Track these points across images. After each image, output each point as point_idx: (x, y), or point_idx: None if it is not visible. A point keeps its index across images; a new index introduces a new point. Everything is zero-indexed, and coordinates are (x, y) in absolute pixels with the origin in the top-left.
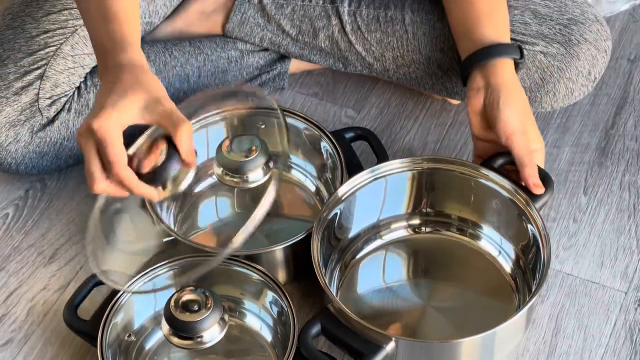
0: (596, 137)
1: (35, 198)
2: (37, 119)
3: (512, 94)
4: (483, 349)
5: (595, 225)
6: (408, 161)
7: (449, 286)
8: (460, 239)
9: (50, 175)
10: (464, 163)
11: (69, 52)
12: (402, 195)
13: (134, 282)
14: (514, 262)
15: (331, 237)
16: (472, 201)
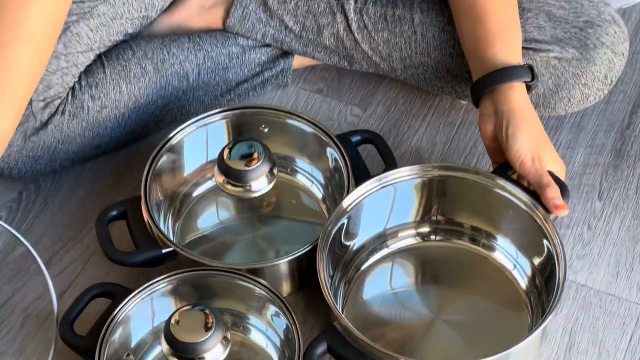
0: (611, 137)
1: (29, 200)
2: (30, 123)
3: (523, 121)
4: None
5: (611, 233)
6: (417, 169)
7: (460, 298)
8: (473, 248)
9: (44, 176)
10: (477, 171)
11: (62, 50)
12: (411, 203)
13: (132, 297)
14: (529, 278)
15: (337, 249)
16: (486, 211)
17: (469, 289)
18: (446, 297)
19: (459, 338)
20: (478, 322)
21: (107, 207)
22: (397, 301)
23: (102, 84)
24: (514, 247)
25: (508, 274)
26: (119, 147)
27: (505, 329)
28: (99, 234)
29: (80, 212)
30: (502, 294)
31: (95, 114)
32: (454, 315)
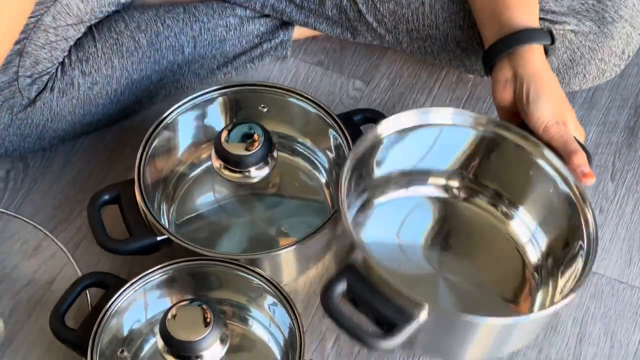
0: (625, 114)
1: (17, 180)
2: (17, 99)
3: (545, 84)
4: (503, 334)
5: (624, 217)
6: (468, 116)
7: (465, 260)
8: (492, 213)
9: (33, 155)
10: (527, 137)
11: (51, 23)
12: (452, 152)
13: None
14: (542, 255)
15: (361, 174)
16: (521, 179)
17: (476, 253)
18: (451, 255)
19: (459, 300)
20: (479, 287)
21: (99, 191)
22: (401, 248)
23: (93, 58)
24: (535, 221)
25: (520, 246)
26: (110, 123)
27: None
28: (91, 221)
29: (71, 192)
30: (510, 265)
31: (86, 90)
32: (456, 275)
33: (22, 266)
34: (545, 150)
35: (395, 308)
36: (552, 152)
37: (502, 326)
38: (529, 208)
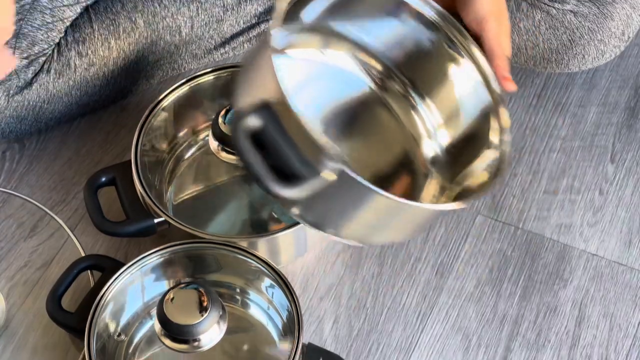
0: (625, 94)
1: (13, 161)
2: (13, 81)
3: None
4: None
5: (623, 198)
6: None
7: (362, 140)
8: (400, 100)
9: (29, 136)
10: (461, 30)
11: (47, 4)
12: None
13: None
14: (442, 151)
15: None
16: (439, 74)
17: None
18: (349, 134)
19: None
20: (369, 169)
21: (96, 173)
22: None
23: (90, 39)
24: (442, 117)
25: (419, 138)
26: (107, 104)
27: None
28: (88, 203)
29: (68, 174)
30: (404, 154)
31: (82, 72)
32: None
33: (19, 247)
34: (473, 46)
35: (304, 160)
36: (479, 50)
37: (395, 205)
38: (439, 103)
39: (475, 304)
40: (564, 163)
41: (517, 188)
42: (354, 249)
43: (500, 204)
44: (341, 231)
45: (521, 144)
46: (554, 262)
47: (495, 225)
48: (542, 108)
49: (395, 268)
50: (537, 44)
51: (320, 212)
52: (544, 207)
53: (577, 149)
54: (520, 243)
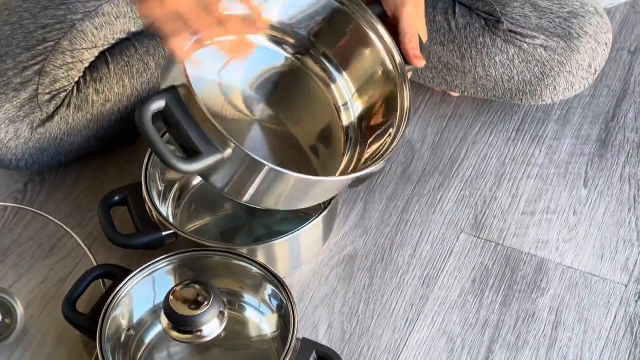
0: (596, 128)
1: (34, 191)
2: (37, 114)
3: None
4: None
5: (596, 218)
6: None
7: (284, 112)
8: (317, 73)
9: (49, 169)
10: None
11: (67, 46)
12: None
13: (132, 276)
14: (356, 120)
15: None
16: (352, 49)
17: (296, 109)
18: (271, 106)
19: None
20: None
21: (109, 193)
22: (221, 88)
23: (106, 78)
24: (354, 87)
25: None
26: (121, 139)
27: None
28: (101, 218)
29: (83, 202)
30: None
31: (99, 107)
32: (271, 125)
33: (38, 265)
34: (380, 26)
35: (203, 138)
36: (385, 30)
37: (296, 180)
38: (352, 75)
39: (459, 311)
40: (541, 188)
41: (497, 210)
42: (347, 262)
43: (482, 223)
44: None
45: (501, 171)
46: (532, 274)
47: (477, 241)
48: (520, 140)
49: (384, 279)
50: (512, 76)
51: (227, 183)
52: (523, 226)
53: (552, 176)
54: (501, 257)
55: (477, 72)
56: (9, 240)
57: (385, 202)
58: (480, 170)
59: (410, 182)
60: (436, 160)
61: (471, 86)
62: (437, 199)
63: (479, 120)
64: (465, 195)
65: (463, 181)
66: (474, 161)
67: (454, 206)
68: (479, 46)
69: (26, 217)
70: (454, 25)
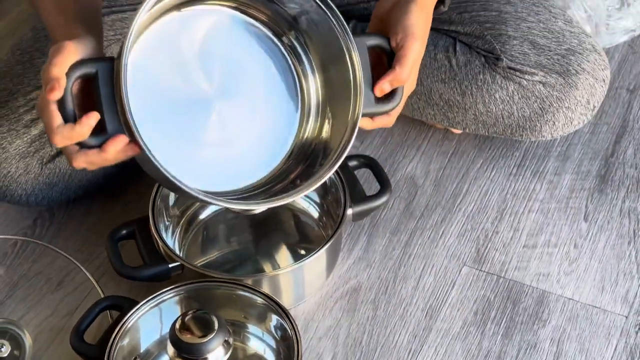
0: (596, 164)
1: (43, 227)
2: (47, 150)
3: (424, 8)
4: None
5: (596, 251)
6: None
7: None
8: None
9: (58, 205)
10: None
11: None
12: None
13: (139, 307)
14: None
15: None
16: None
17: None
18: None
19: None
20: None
21: (117, 227)
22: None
23: None
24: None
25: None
26: (130, 176)
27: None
28: (109, 251)
29: (92, 237)
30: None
31: None
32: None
33: (47, 298)
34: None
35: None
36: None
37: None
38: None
39: (461, 342)
40: (542, 222)
41: (499, 243)
42: (351, 295)
43: (484, 256)
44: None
45: (502, 206)
46: (534, 306)
47: (480, 274)
48: (522, 176)
49: (388, 311)
50: (512, 112)
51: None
52: (524, 259)
53: (553, 210)
54: (503, 290)
55: (478, 108)
56: (19, 275)
57: (389, 236)
58: (482, 205)
59: (413, 217)
60: (439, 195)
61: (472, 123)
62: (440, 233)
63: (481, 157)
64: (467, 229)
65: (465, 216)
66: (476, 196)
67: (456, 240)
68: (479, 83)
69: (35, 252)
70: (454, 62)
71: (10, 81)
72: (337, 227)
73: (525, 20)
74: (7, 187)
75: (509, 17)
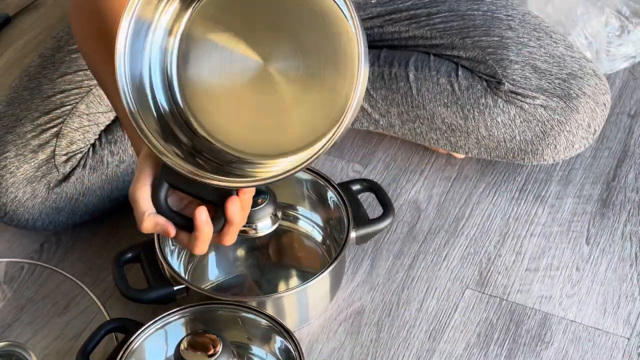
0: (598, 188)
1: (50, 251)
2: (54, 174)
3: None
4: None
5: (598, 274)
6: None
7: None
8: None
9: (65, 230)
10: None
11: (84, 110)
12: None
13: (145, 329)
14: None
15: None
16: None
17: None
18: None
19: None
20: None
21: (122, 250)
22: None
23: (121, 141)
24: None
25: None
26: None
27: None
28: (115, 274)
29: (98, 261)
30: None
31: (114, 168)
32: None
33: (53, 322)
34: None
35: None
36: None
37: None
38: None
39: None
40: (544, 245)
41: (501, 266)
42: (355, 318)
43: (487, 279)
44: None
45: (505, 230)
46: (536, 328)
47: (482, 297)
48: (524, 200)
49: (392, 334)
50: (514, 136)
51: None
52: (527, 282)
53: (555, 234)
54: (505, 312)
55: (480, 132)
56: (26, 298)
57: (392, 259)
58: (485, 228)
59: (416, 240)
60: (442, 219)
61: (475, 147)
62: (443, 256)
63: (483, 181)
64: (470, 253)
65: (468, 239)
66: (478, 220)
67: (459, 263)
68: (481, 107)
69: (42, 276)
70: (457, 87)
71: (18, 107)
72: (340, 249)
73: (527, 46)
74: (14, 211)
75: (510, 42)
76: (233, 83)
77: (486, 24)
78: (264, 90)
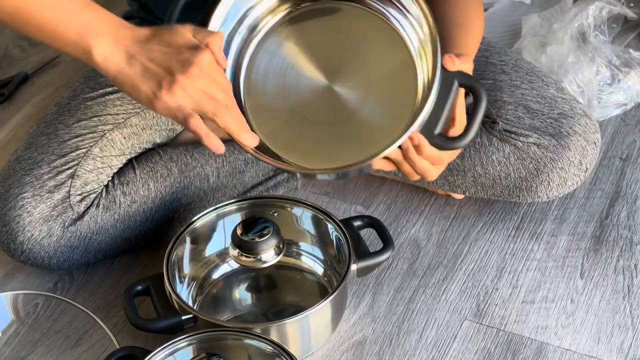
0: (592, 226)
1: (63, 289)
2: (69, 214)
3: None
4: None
5: (592, 306)
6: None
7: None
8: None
9: (78, 269)
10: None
11: (98, 153)
12: None
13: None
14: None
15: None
16: None
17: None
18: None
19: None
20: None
21: (133, 283)
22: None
23: (133, 182)
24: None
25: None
26: (146, 241)
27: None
28: (125, 304)
29: (109, 298)
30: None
31: (126, 207)
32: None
33: (66, 354)
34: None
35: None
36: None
37: None
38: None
39: None
40: (540, 279)
41: (498, 299)
42: (357, 348)
43: (484, 311)
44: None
45: (502, 265)
46: (532, 356)
47: (480, 328)
48: (520, 237)
49: None
50: (509, 173)
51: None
52: (523, 313)
53: (550, 268)
54: (502, 342)
55: (477, 170)
56: (40, 333)
57: (393, 293)
58: (483, 264)
59: (416, 275)
60: (441, 255)
61: (472, 185)
62: (442, 290)
63: (481, 220)
64: (468, 287)
65: (466, 274)
66: (476, 256)
67: (457, 297)
68: (477, 146)
69: (55, 312)
70: None
71: (35, 150)
72: (341, 279)
73: (519, 88)
74: (30, 250)
75: (503, 84)
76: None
77: (480, 69)
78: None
